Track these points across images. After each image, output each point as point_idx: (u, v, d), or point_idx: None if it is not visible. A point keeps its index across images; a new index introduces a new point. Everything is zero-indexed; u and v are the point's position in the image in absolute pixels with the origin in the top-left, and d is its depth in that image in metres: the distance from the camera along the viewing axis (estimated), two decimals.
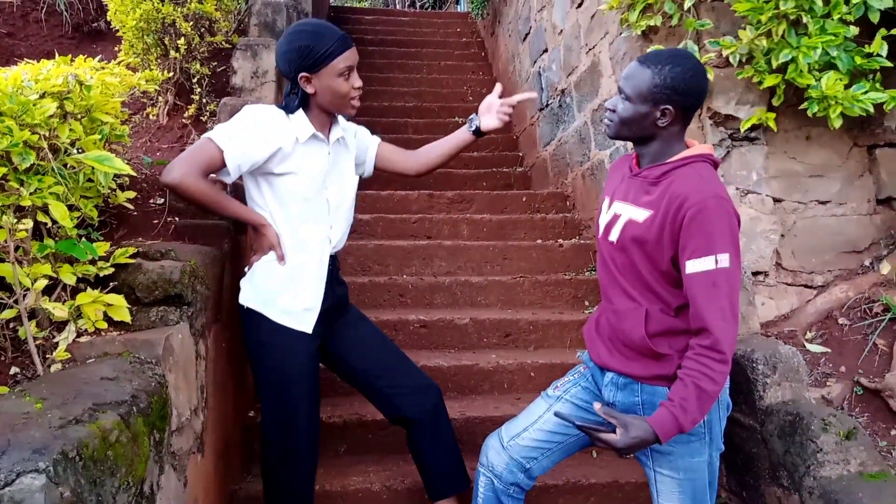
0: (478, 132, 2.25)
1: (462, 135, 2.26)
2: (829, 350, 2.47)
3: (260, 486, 2.37)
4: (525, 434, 1.87)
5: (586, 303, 3.50)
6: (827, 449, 1.98)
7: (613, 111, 1.70)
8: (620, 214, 1.73)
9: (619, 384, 1.75)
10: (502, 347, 3.23)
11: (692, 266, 1.57)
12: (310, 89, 1.94)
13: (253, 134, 1.90)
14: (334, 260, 2.12)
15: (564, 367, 2.98)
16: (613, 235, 1.74)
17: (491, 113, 2.23)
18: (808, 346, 2.48)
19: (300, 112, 1.99)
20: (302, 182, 1.97)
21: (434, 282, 3.52)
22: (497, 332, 3.25)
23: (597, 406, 1.62)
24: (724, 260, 1.55)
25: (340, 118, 2.10)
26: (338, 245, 2.12)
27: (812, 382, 2.35)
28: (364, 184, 4.57)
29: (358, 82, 1.98)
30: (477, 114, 2.26)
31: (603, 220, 1.80)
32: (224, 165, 1.90)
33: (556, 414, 1.72)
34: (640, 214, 1.67)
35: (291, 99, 1.98)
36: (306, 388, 2.04)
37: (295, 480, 2.07)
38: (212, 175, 1.95)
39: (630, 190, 1.73)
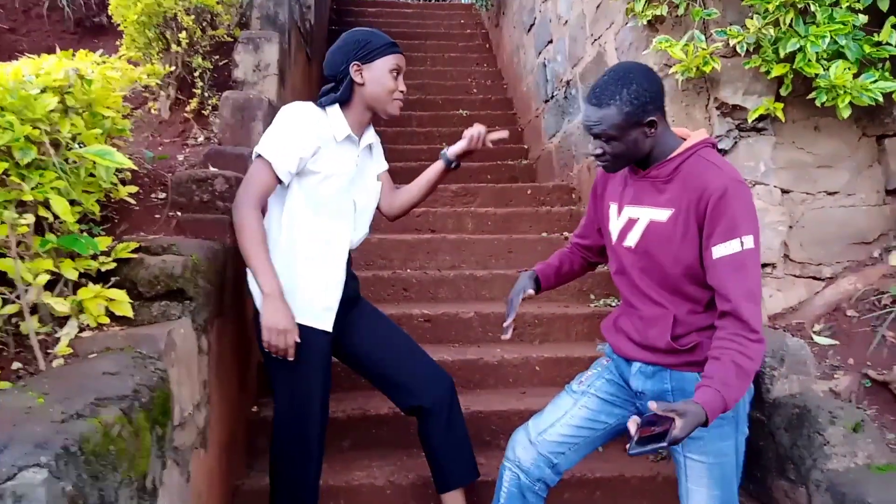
0: (457, 165, 2.28)
1: (437, 167, 2.28)
2: (837, 342, 2.45)
3: (264, 480, 2.37)
4: (552, 429, 1.86)
5: (591, 296, 3.48)
6: (834, 441, 1.96)
7: (603, 154, 1.68)
8: (638, 218, 1.72)
9: (647, 373, 1.76)
10: (507, 341, 3.21)
11: (719, 251, 1.58)
12: (359, 79, 2.02)
13: (297, 136, 1.95)
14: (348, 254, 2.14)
15: (570, 360, 2.98)
16: (631, 240, 1.73)
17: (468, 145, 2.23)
18: (816, 339, 2.46)
19: (337, 110, 2.03)
20: (333, 183, 2.01)
21: (438, 276, 3.51)
22: (502, 326, 3.23)
23: (652, 405, 1.49)
24: (748, 241, 1.57)
25: (371, 127, 2.16)
26: (355, 245, 2.16)
27: (820, 375, 2.33)
28: None
29: (403, 86, 2.07)
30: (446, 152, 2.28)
31: (615, 227, 1.79)
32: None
33: (632, 454, 1.47)
34: (662, 214, 1.67)
35: (333, 94, 2.03)
36: (321, 384, 2.05)
37: (308, 476, 2.08)
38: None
39: (641, 192, 1.72)
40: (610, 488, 2.48)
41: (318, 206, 2.01)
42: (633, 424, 1.46)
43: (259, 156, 1.95)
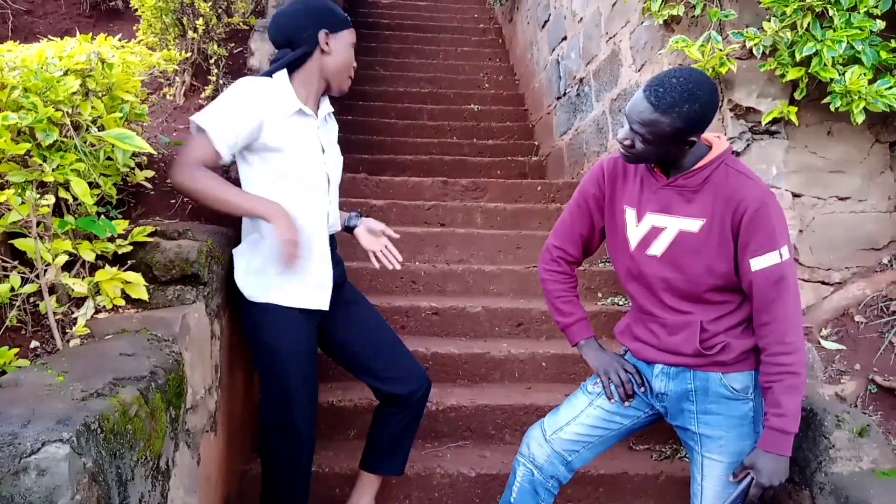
0: (348, 229, 2.22)
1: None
2: (844, 347, 2.46)
3: None
4: (567, 428, 1.87)
5: (599, 294, 3.49)
6: (839, 445, 1.97)
7: (632, 147, 1.64)
8: (665, 227, 1.71)
9: (670, 374, 1.78)
10: (514, 336, 3.23)
11: (758, 263, 1.61)
12: (327, 48, 1.95)
13: (236, 107, 1.86)
14: (332, 239, 2.12)
15: (576, 357, 2.98)
16: (656, 249, 1.73)
17: (373, 236, 2.21)
18: (824, 343, 2.47)
19: (284, 78, 1.95)
20: (293, 159, 1.93)
21: (447, 269, 3.52)
22: (509, 321, 3.25)
23: (731, 479, 1.72)
24: (786, 252, 1.62)
25: (327, 98, 2.09)
26: (334, 224, 2.13)
27: (826, 379, 2.34)
28: (378, 169, 4.59)
29: (354, 63, 2.06)
30: (361, 216, 2.23)
31: (635, 234, 1.76)
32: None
33: None
34: (694, 224, 1.67)
35: (284, 58, 1.94)
36: (307, 369, 2.05)
37: (295, 462, 2.09)
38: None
39: (667, 201, 1.71)
40: (613, 486, 2.50)
41: (288, 185, 1.93)
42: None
43: (198, 128, 1.86)
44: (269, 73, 1.97)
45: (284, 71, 1.96)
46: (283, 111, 1.91)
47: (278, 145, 1.90)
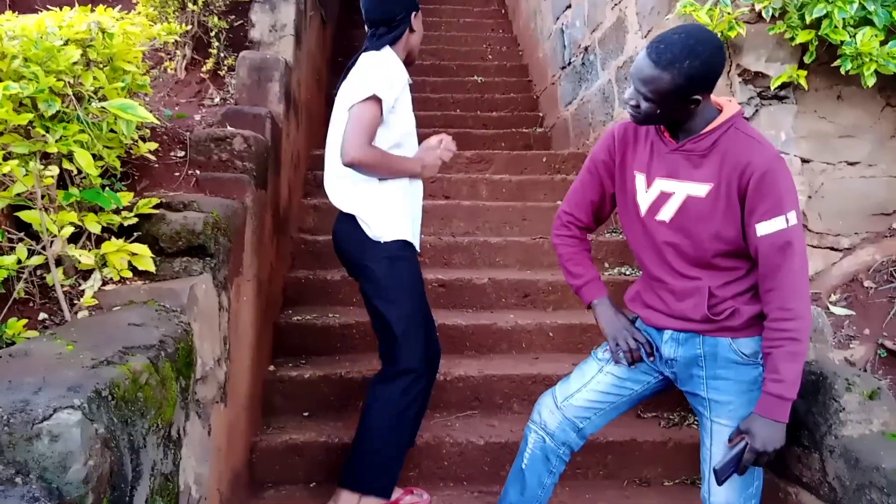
0: None
1: None
2: (853, 313, 2.44)
3: (280, 438, 2.43)
4: (578, 395, 1.87)
5: (606, 264, 3.48)
6: (850, 408, 1.97)
7: (637, 107, 1.63)
8: (673, 193, 1.69)
9: (679, 340, 1.77)
10: (520, 308, 3.23)
11: (764, 228, 1.59)
12: (415, 26, 2.22)
13: (392, 73, 2.10)
14: None
15: (583, 327, 2.99)
16: (665, 215, 1.71)
17: (434, 151, 2.32)
18: (833, 309, 2.46)
19: (396, 55, 2.18)
20: (409, 119, 2.20)
21: (452, 241, 3.51)
22: (515, 292, 3.24)
23: (727, 443, 1.70)
24: (793, 217, 1.59)
25: None
26: None
27: (835, 344, 2.33)
28: None
29: None
30: None
31: (644, 200, 1.75)
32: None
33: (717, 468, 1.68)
34: (701, 189, 1.65)
35: (387, 35, 2.16)
36: None
37: (432, 378, 2.30)
38: None
39: (675, 166, 1.69)
40: (621, 453, 2.51)
41: (406, 143, 2.19)
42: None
43: (370, 97, 2.03)
44: (373, 48, 2.15)
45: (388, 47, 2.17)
46: (405, 80, 2.17)
47: (403, 108, 2.17)
